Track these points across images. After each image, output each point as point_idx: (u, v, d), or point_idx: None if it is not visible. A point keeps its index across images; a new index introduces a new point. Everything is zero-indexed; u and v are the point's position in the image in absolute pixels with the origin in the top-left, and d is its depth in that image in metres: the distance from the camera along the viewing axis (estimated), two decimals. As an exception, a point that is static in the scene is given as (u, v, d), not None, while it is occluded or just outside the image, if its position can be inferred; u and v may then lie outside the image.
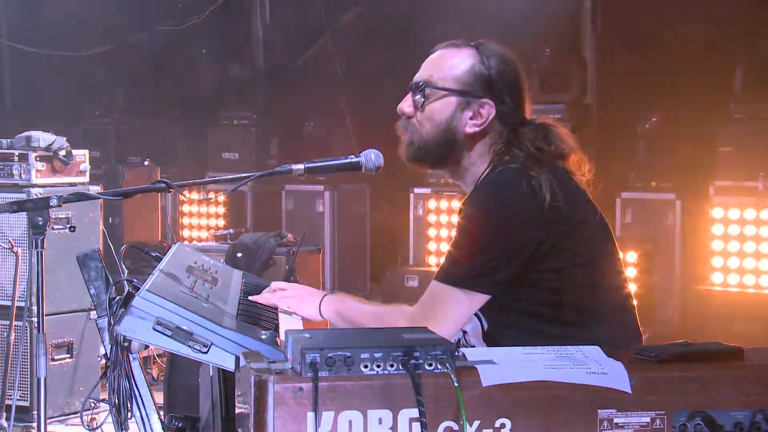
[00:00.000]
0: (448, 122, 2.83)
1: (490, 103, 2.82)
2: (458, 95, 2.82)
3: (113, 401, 2.48)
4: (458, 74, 2.83)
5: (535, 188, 2.66)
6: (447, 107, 2.83)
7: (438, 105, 2.84)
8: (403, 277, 7.73)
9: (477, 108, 2.82)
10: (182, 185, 3.09)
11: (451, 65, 2.84)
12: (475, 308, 2.71)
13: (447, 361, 2.00)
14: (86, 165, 5.96)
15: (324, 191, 8.59)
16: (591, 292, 2.73)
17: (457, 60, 2.85)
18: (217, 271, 3.06)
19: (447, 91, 2.82)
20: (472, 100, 2.82)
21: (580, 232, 2.70)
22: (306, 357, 1.97)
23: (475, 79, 2.82)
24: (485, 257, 2.66)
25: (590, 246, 2.73)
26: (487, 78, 2.83)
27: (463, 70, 2.83)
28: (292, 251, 6.08)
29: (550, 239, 2.65)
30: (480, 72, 2.83)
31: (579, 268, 2.70)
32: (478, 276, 2.66)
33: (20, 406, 5.45)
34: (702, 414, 2.08)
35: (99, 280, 2.61)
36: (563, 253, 2.67)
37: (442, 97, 2.83)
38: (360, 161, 3.03)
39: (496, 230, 2.67)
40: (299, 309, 3.00)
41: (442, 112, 2.83)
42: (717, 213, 6.77)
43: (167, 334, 2.36)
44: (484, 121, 2.82)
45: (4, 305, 5.58)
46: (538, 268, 2.67)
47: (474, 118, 2.82)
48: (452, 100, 2.83)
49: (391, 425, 1.99)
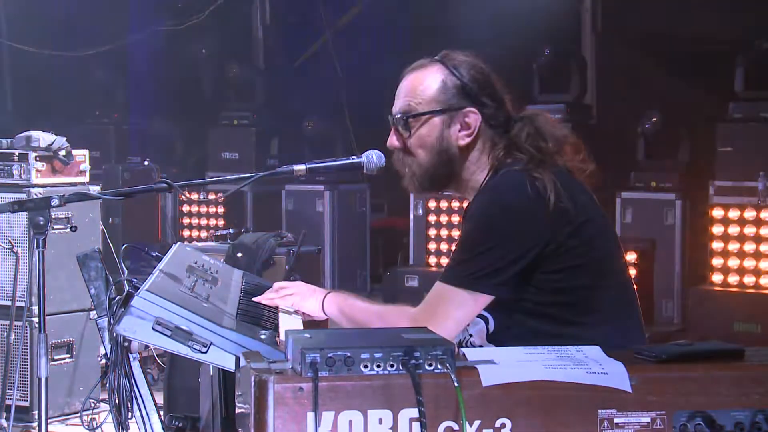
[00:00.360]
0: (439, 143, 2.82)
1: (474, 111, 2.81)
2: (440, 114, 2.81)
3: (113, 401, 2.48)
4: (433, 93, 2.82)
5: (539, 189, 2.66)
6: (434, 129, 2.82)
7: (424, 130, 2.83)
8: (403, 277, 7.74)
9: (462, 119, 2.81)
10: (183, 185, 3.09)
11: (423, 87, 2.83)
12: (479, 309, 2.71)
13: (447, 361, 2.00)
14: (86, 165, 5.95)
15: (324, 191, 8.59)
16: (596, 292, 2.72)
17: (428, 80, 2.83)
18: (217, 271, 3.06)
19: (428, 113, 2.82)
20: (454, 113, 2.81)
21: (586, 232, 2.70)
22: (306, 357, 1.97)
23: (451, 92, 2.81)
24: (490, 258, 2.65)
25: (595, 245, 2.72)
26: (461, 87, 2.81)
27: (436, 88, 2.82)
28: (292, 251, 6.08)
29: (556, 240, 2.65)
30: (453, 84, 2.82)
31: (584, 268, 2.69)
32: (482, 277, 2.66)
33: (20, 406, 5.45)
34: (702, 414, 2.08)
35: (99, 280, 2.61)
36: (569, 253, 2.67)
37: (426, 120, 2.82)
38: (362, 161, 3.02)
39: (501, 232, 2.67)
40: (302, 306, 3.00)
41: (431, 135, 2.82)
42: (717, 213, 6.77)
43: (167, 334, 2.36)
44: (473, 129, 2.81)
45: (4, 305, 5.58)
46: (545, 268, 2.66)
47: (463, 129, 2.81)
48: (436, 120, 2.82)
49: (391, 425, 1.99)
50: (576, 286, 2.69)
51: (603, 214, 2.81)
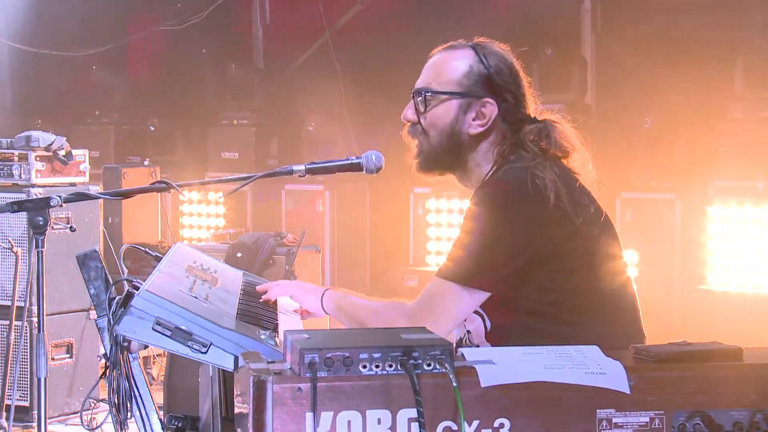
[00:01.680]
0: (452, 126, 2.81)
1: (492, 102, 2.81)
2: (459, 97, 2.81)
3: (113, 401, 2.49)
4: (457, 76, 2.82)
5: (540, 188, 2.65)
6: (449, 111, 2.82)
7: (440, 110, 2.82)
8: (403, 277, 7.73)
9: (479, 108, 2.81)
10: (183, 185, 3.09)
11: (449, 68, 2.83)
12: (475, 305, 2.70)
13: (446, 362, 2.00)
14: (86, 165, 5.96)
15: (324, 191, 8.58)
16: (595, 293, 2.72)
17: (455, 62, 2.83)
18: (216, 270, 3.06)
19: (448, 94, 2.81)
20: (473, 100, 2.81)
21: (585, 232, 2.69)
22: (305, 357, 1.97)
23: (475, 79, 2.81)
24: (487, 254, 2.65)
25: (595, 247, 2.72)
26: (486, 77, 2.81)
27: (461, 71, 2.82)
28: (292, 251, 6.08)
29: (554, 239, 2.65)
30: (479, 71, 2.81)
31: (584, 269, 2.69)
32: (479, 273, 2.66)
33: (20, 406, 5.46)
34: (701, 414, 2.08)
35: (99, 279, 2.61)
36: (568, 253, 2.67)
37: (444, 101, 2.82)
38: (361, 162, 3.03)
39: (499, 228, 2.66)
40: (302, 300, 3.00)
41: (445, 117, 2.82)
42: (716, 213, 6.76)
43: (167, 334, 2.36)
44: (487, 120, 2.81)
45: (4, 305, 5.59)
46: (543, 267, 2.66)
47: (477, 118, 2.81)
48: (454, 103, 2.81)
49: (389, 425, 1.99)
50: (575, 286, 2.69)
51: (605, 215, 2.80)
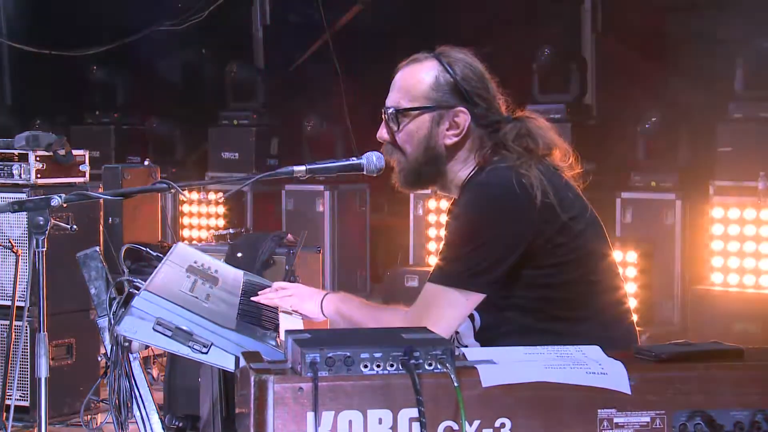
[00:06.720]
0: (427, 140, 2.81)
1: (464, 110, 2.80)
2: (430, 111, 2.80)
3: (113, 401, 2.49)
4: (425, 90, 2.81)
5: (525, 186, 2.65)
6: (422, 126, 2.81)
7: (413, 126, 2.82)
8: (403, 277, 7.72)
9: (452, 118, 2.80)
10: (183, 185, 3.09)
11: (415, 82, 2.82)
12: (471, 308, 2.70)
13: (447, 361, 2.00)
14: (86, 165, 5.95)
15: (324, 191, 8.58)
16: (584, 288, 2.73)
17: (421, 75, 2.82)
18: (217, 270, 3.06)
19: (418, 110, 2.81)
20: (444, 111, 2.80)
21: (572, 228, 2.70)
22: (306, 357, 1.97)
23: (443, 89, 2.80)
24: (479, 256, 2.65)
25: (582, 242, 2.73)
26: (454, 86, 2.80)
27: (428, 84, 2.81)
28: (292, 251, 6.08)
29: (543, 236, 2.66)
30: (446, 81, 2.81)
31: (572, 264, 2.70)
32: (472, 275, 2.65)
33: (20, 406, 5.45)
34: (702, 414, 2.08)
35: (99, 280, 2.62)
36: (556, 249, 2.67)
37: (415, 116, 2.81)
38: (361, 163, 3.03)
39: (488, 229, 2.66)
40: (301, 308, 3.00)
41: (419, 132, 2.81)
42: (717, 213, 6.76)
43: (167, 335, 2.36)
44: (462, 129, 2.81)
45: (4, 305, 5.58)
46: (532, 264, 2.67)
47: (451, 128, 2.81)
48: (425, 117, 2.81)
49: (391, 425, 1.99)
50: (564, 281, 2.69)
51: (591, 210, 2.80)
